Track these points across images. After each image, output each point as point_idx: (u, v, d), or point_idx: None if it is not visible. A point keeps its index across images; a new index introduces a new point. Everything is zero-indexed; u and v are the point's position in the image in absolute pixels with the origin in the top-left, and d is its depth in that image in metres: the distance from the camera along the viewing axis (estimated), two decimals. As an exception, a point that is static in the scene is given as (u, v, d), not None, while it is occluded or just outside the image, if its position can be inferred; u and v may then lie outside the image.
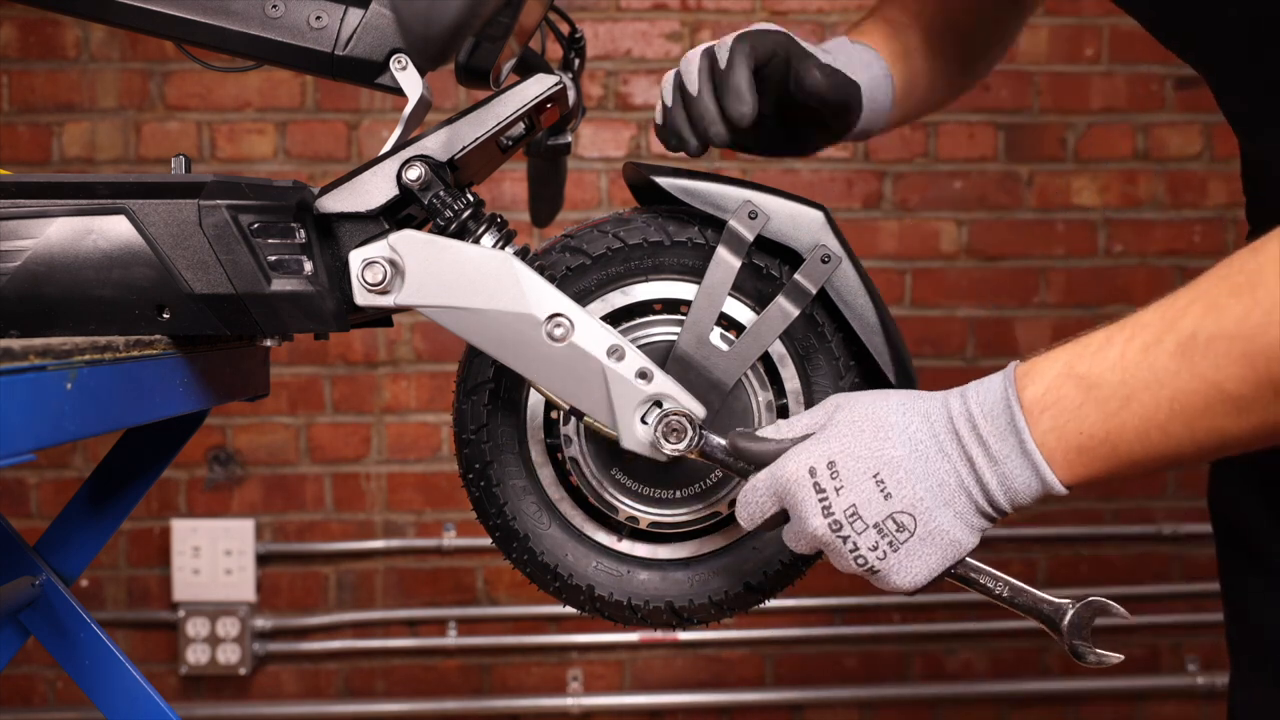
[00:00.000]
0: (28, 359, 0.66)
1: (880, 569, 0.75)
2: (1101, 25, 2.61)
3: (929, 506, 0.74)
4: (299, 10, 0.90)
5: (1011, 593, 0.79)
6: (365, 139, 2.55)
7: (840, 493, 0.74)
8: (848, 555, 0.75)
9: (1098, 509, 2.63)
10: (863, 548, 0.74)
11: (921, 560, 0.75)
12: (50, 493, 2.51)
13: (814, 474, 0.75)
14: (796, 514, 0.76)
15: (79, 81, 2.51)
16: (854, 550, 0.74)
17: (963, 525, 0.75)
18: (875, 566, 0.75)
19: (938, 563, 0.75)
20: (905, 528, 0.74)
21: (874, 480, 0.74)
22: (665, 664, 2.60)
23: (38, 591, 1.06)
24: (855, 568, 0.75)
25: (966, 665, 2.63)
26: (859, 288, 0.86)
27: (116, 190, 0.79)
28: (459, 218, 0.83)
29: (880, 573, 0.75)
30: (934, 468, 0.74)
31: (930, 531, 0.74)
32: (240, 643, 2.47)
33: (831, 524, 0.74)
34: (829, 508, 0.74)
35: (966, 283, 2.61)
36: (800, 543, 0.77)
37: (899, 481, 0.74)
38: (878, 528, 0.74)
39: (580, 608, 0.91)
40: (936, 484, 0.74)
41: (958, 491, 0.74)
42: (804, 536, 0.76)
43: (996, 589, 0.79)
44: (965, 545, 0.76)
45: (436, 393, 2.54)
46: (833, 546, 0.75)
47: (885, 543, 0.74)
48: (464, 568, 2.56)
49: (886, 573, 0.75)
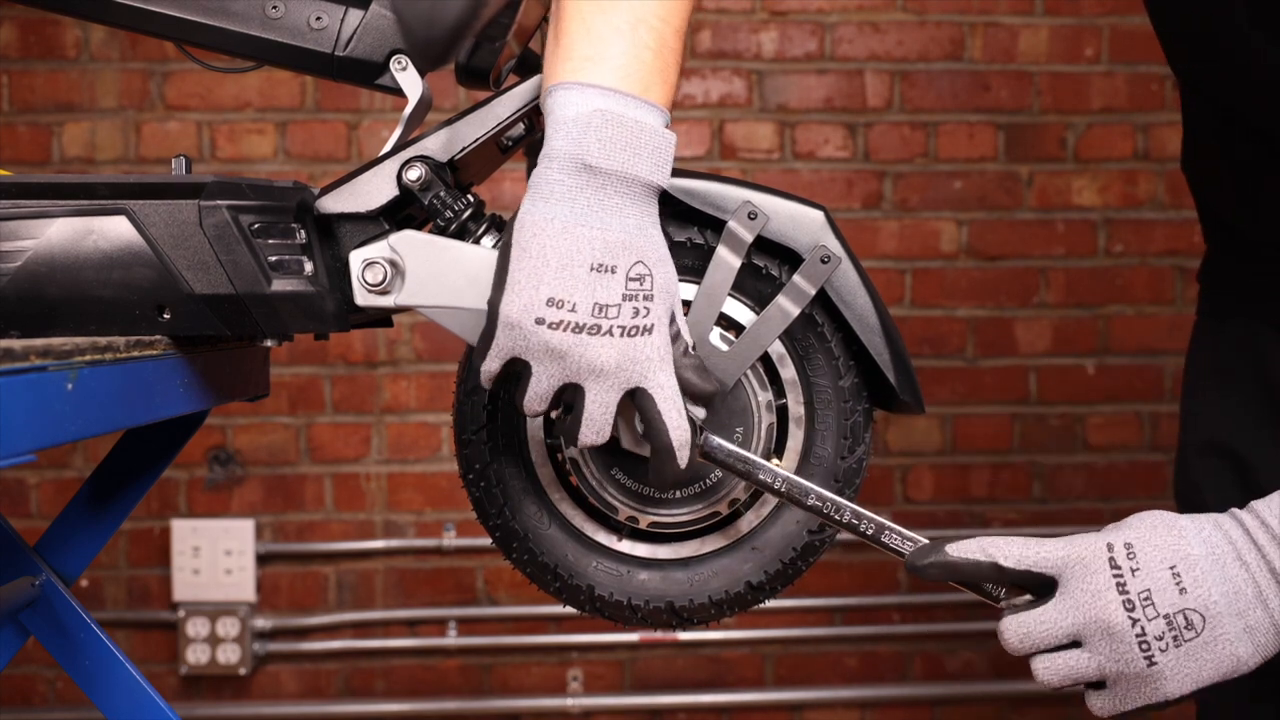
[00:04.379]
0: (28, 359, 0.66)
1: (1159, 663, 0.71)
2: (1101, 25, 2.62)
3: (1220, 611, 0.71)
4: (299, 11, 0.90)
5: None
6: (365, 139, 2.55)
7: (1136, 574, 0.72)
8: (1133, 642, 0.71)
9: (1098, 509, 2.63)
10: (1149, 635, 0.71)
11: (1197, 665, 0.72)
12: (50, 493, 2.51)
13: (1111, 549, 0.73)
14: (1085, 588, 0.73)
15: (79, 81, 2.51)
16: (1140, 635, 0.71)
17: (1249, 642, 0.72)
18: (1156, 659, 0.71)
19: (1211, 673, 0.72)
20: (1194, 626, 0.71)
21: (1170, 571, 0.72)
22: (665, 664, 2.60)
23: (38, 591, 1.06)
24: (1138, 654, 0.71)
25: (966, 665, 2.63)
26: (859, 288, 0.86)
27: (117, 191, 0.79)
28: (459, 218, 0.83)
29: (1157, 667, 0.72)
30: (1231, 574, 0.72)
31: (1216, 637, 0.71)
32: (240, 643, 2.47)
33: (1125, 602, 0.71)
34: (1124, 585, 0.72)
35: (966, 283, 2.61)
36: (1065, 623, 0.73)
37: (1195, 580, 0.71)
38: (1168, 620, 0.71)
39: (580, 608, 0.91)
40: (1233, 591, 0.72)
41: (1254, 603, 0.72)
42: (1084, 614, 0.72)
43: None
44: (1245, 664, 0.72)
45: (436, 393, 2.54)
46: (1119, 630, 0.72)
47: (1171, 636, 0.71)
48: (464, 568, 2.56)
49: (1162, 669, 0.72)
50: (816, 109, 2.60)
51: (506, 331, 0.74)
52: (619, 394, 0.75)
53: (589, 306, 0.73)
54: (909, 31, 2.60)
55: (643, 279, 0.74)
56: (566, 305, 0.73)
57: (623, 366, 0.74)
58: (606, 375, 0.74)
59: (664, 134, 0.77)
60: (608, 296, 0.73)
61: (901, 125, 2.61)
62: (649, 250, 0.76)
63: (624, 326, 0.74)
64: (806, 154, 2.59)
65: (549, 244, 0.73)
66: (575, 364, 0.74)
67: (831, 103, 2.60)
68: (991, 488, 2.62)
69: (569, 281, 0.73)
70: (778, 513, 0.90)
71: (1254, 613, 0.72)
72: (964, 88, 2.61)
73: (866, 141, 2.60)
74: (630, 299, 0.74)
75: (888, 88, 2.61)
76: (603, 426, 0.76)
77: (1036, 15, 2.61)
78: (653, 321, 0.75)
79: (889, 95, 2.61)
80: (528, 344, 0.74)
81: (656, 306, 0.75)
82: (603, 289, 0.73)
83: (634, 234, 0.75)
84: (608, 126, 0.74)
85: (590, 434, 0.76)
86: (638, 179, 0.75)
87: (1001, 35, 2.61)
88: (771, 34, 2.58)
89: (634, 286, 0.74)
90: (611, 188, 0.75)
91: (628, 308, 0.74)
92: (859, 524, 0.81)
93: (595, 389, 0.75)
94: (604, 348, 0.74)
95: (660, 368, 0.75)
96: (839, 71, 2.60)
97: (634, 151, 0.75)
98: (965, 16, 2.60)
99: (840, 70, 2.60)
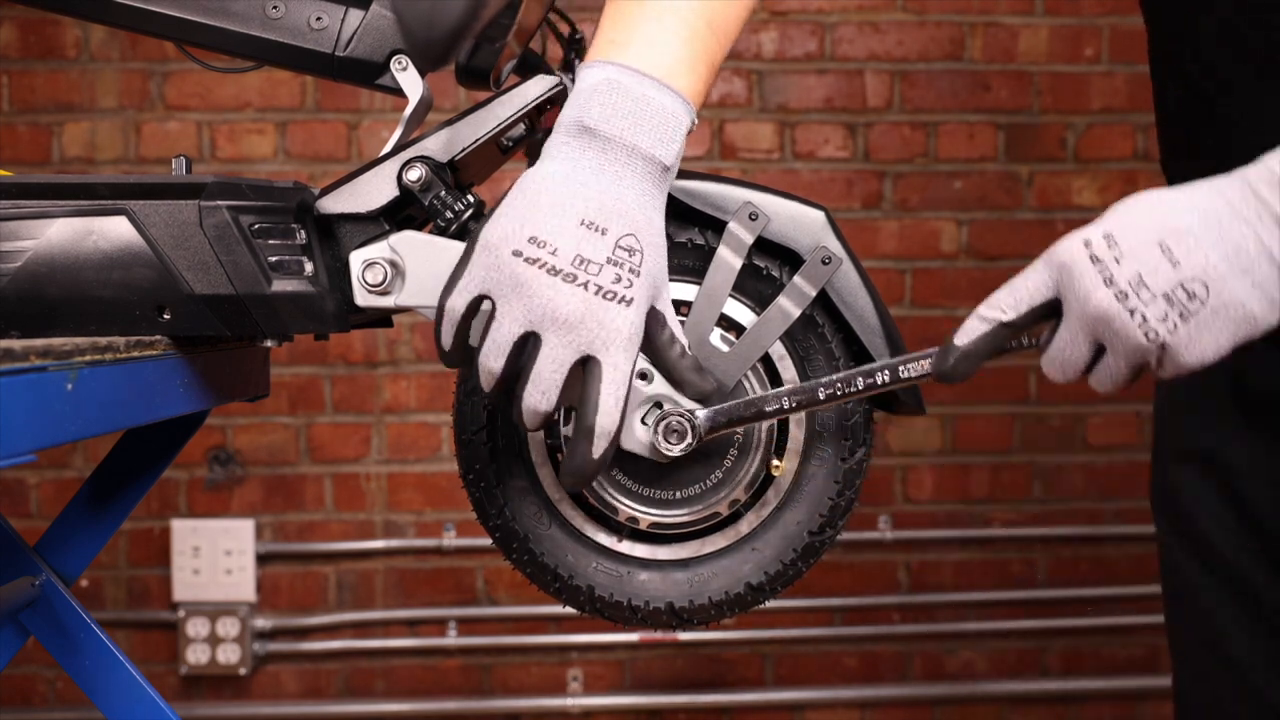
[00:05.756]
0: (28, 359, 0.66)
1: (1170, 342, 0.69)
2: (1101, 25, 2.62)
3: (1223, 274, 0.68)
4: (300, 11, 0.90)
5: None
6: (365, 139, 2.55)
7: (1121, 262, 0.69)
8: (1134, 329, 0.69)
9: (1098, 509, 2.63)
10: (1151, 319, 0.69)
11: (1213, 335, 0.69)
12: (50, 493, 2.51)
13: (1089, 245, 0.70)
14: (1076, 295, 0.70)
15: (79, 81, 2.51)
16: (1142, 323, 0.69)
17: (1262, 297, 0.68)
18: (1165, 339, 0.69)
19: (1229, 339, 0.69)
20: (1196, 296, 0.68)
21: (1159, 248, 0.69)
22: (665, 664, 2.60)
23: (38, 591, 1.06)
24: (1143, 342, 0.69)
25: (966, 665, 2.63)
26: (859, 289, 0.86)
27: (117, 191, 0.79)
28: (459, 218, 0.83)
29: (1170, 347, 0.69)
30: (1230, 233, 0.68)
31: (1223, 303, 0.68)
32: (240, 643, 2.47)
33: (1116, 294, 0.69)
34: (1110, 277, 0.69)
35: (966, 283, 2.61)
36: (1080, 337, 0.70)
37: (1188, 249, 0.68)
38: (1167, 298, 0.68)
39: (580, 608, 0.91)
40: (1233, 250, 0.68)
41: (1259, 258, 0.68)
42: (1085, 321, 0.70)
43: None
44: (1261, 322, 0.69)
45: (436, 393, 2.54)
46: (1117, 322, 0.69)
47: (1176, 314, 0.68)
48: (464, 568, 2.56)
49: (1176, 347, 0.69)
50: (816, 109, 2.60)
51: (481, 255, 0.72)
52: (574, 355, 0.72)
53: (570, 255, 0.71)
54: (909, 31, 2.60)
55: (633, 252, 0.72)
56: (547, 247, 0.71)
57: (586, 325, 0.71)
58: (568, 329, 0.71)
59: (672, 112, 0.75)
60: (592, 253, 0.71)
61: (901, 125, 2.61)
62: (645, 228, 0.73)
63: (600, 286, 0.71)
64: (806, 154, 2.59)
65: (544, 189, 0.72)
66: (540, 308, 0.71)
67: (831, 103, 2.60)
68: (991, 488, 2.62)
69: (555, 226, 0.71)
70: (778, 513, 0.90)
71: (1260, 268, 0.68)
72: (964, 88, 2.61)
73: (866, 141, 2.60)
74: (615, 264, 0.71)
75: (888, 88, 2.61)
76: (549, 389, 0.72)
77: (1036, 15, 2.61)
78: (633, 296, 0.72)
79: (889, 95, 2.61)
80: (499, 275, 0.71)
81: (640, 286, 0.72)
82: (588, 244, 0.71)
83: (632, 206, 0.73)
84: (612, 94, 0.74)
85: (535, 394, 0.72)
86: (639, 149, 0.74)
87: (1001, 35, 2.61)
88: (771, 34, 2.58)
89: (621, 254, 0.72)
90: (613, 154, 0.74)
91: (610, 271, 0.71)
92: (875, 379, 0.79)
93: (551, 342, 0.71)
94: (573, 298, 0.71)
95: (622, 347, 0.72)
96: (839, 71, 2.60)
97: (635, 121, 0.74)
98: (965, 16, 2.60)
99: (840, 70, 2.60)
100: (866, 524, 2.58)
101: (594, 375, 0.72)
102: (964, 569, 2.61)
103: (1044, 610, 2.62)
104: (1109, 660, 2.63)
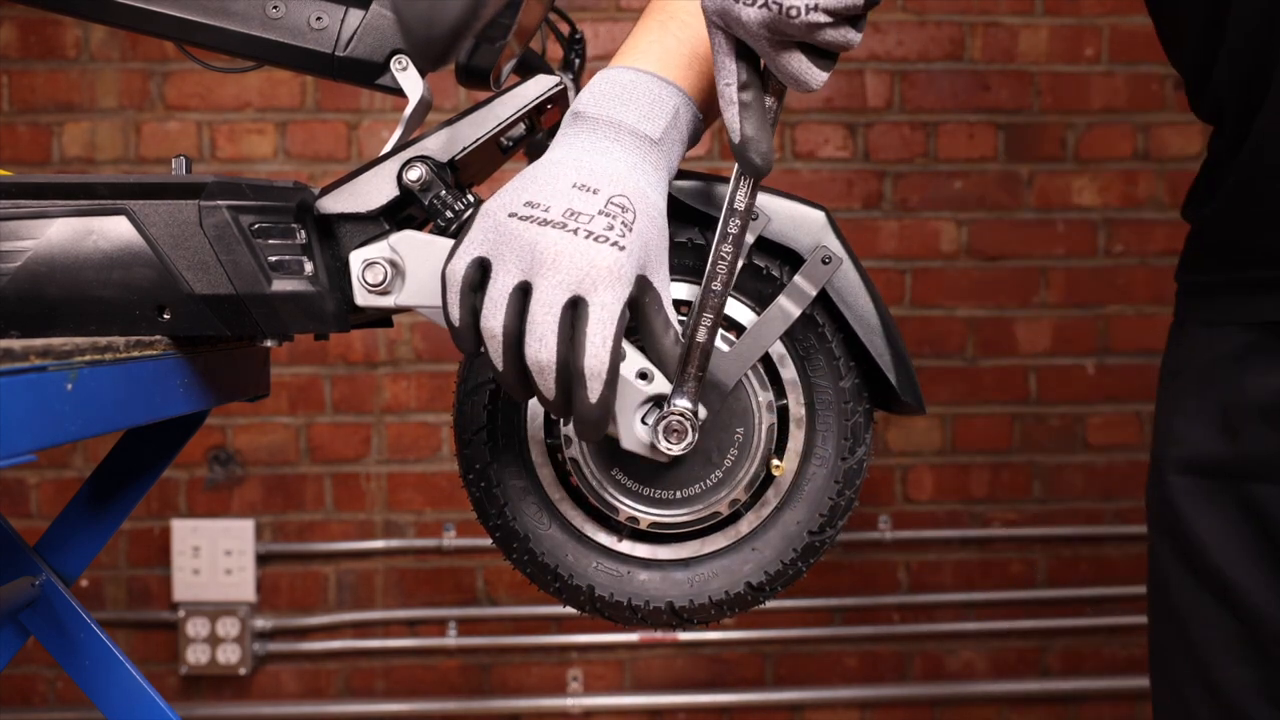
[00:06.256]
0: (28, 359, 0.66)
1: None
2: (1101, 25, 2.62)
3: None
4: (300, 11, 0.90)
5: None
6: (365, 139, 2.55)
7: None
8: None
9: (1098, 509, 2.63)
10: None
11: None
12: (50, 493, 2.51)
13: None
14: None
15: (79, 81, 2.51)
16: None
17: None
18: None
19: None
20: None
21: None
22: (665, 664, 2.60)
23: (38, 591, 1.06)
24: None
25: (966, 665, 2.63)
26: (860, 288, 0.86)
27: (117, 191, 0.79)
28: (459, 218, 0.83)
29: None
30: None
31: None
32: (240, 643, 2.47)
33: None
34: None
35: (966, 283, 2.61)
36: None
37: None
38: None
39: (580, 608, 0.91)
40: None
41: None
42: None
43: None
44: None
45: (436, 393, 2.54)
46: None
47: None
48: (464, 568, 2.56)
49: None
50: (816, 109, 2.60)
51: (480, 221, 0.76)
52: (564, 295, 0.72)
53: (562, 209, 0.74)
54: (909, 31, 2.60)
55: (625, 209, 0.75)
56: (541, 206, 0.75)
57: (575, 263, 0.72)
58: (556, 268, 0.72)
59: (656, 94, 0.80)
60: (584, 206, 0.74)
61: (901, 125, 2.61)
62: (636, 194, 0.76)
63: (591, 231, 0.73)
64: (806, 154, 2.59)
65: (540, 167, 0.78)
66: (530, 253, 0.73)
67: (831, 103, 2.60)
68: (991, 488, 2.62)
69: (549, 190, 0.75)
70: (778, 513, 0.90)
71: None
72: (964, 88, 2.61)
73: (866, 141, 2.60)
74: (607, 215, 0.74)
75: (888, 88, 2.61)
76: (545, 333, 0.72)
77: (1036, 15, 2.61)
78: (625, 245, 0.74)
79: (889, 95, 2.61)
80: (496, 235, 0.74)
81: (633, 239, 0.74)
82: (580, 200, 0.75)
83: (623, 173, 0.77)
84: (602, 84, 0.81)
85: (534, 344, 0.72)
86: (624, 124, 0.79)
87: (1001, 35, 2.61)
88: (771, 34, 2.58)
89: (613, 209, 0.75)
90: (601, 130, 0.79)
91: (602, 220, 0.74)
92: None
93: (541, 285, 0.72)
94: (561, 240, 0.73)
95: (610, 285, 0.73)
96: (839, 71, 2.60)
97: (621, 102, 0.79)
98: (965, 16, 2.60)
99: (840, 70, 2.60)
100: (866, 524, 2.58)
101: (581, 317, 0.73)
102: (964, 569, 2.61)
103: (1044, 610, 2.62)
104: (1109, 660, 2.63)
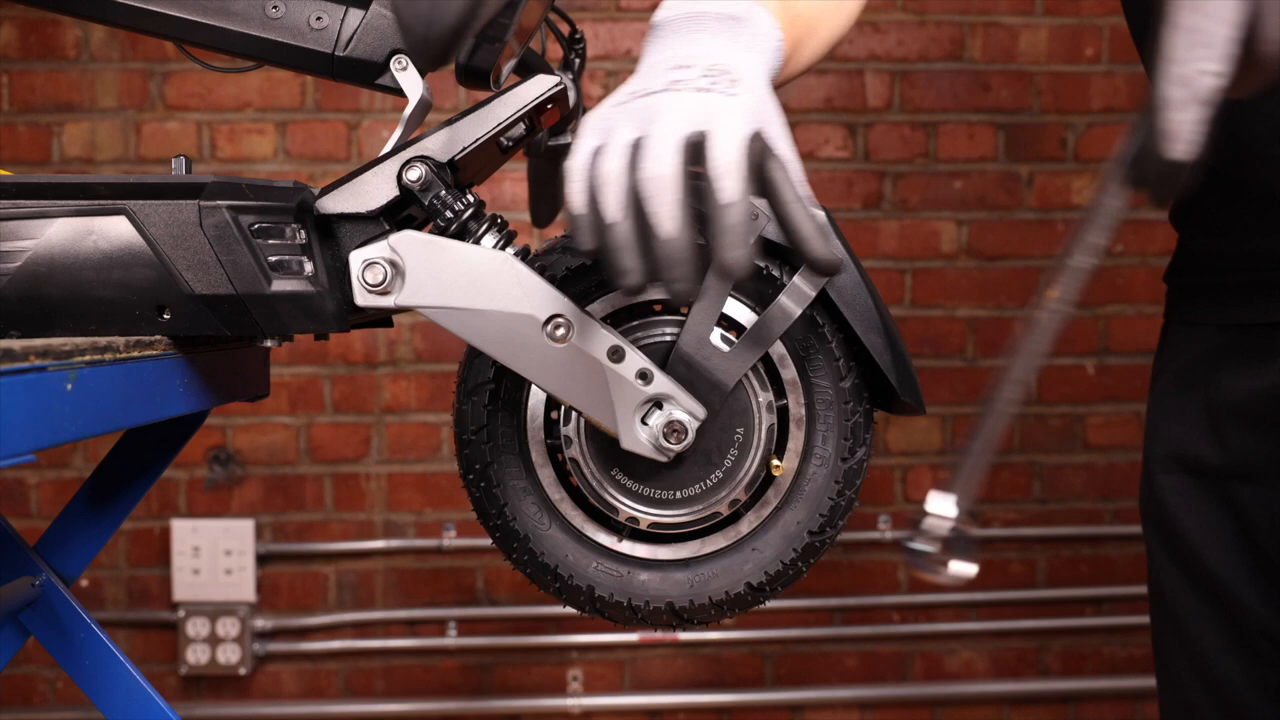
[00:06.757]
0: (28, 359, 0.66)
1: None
2: (1101, 25, 2.62)
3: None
4: (299, 11, 0.90)
5: None
6: (365, 139, 2.55)
7: None
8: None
9: (1098, 509, 2.63)
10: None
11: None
12: (50, 493, 2.51)
13: None
14: None
15: (79, 81, 2.51)
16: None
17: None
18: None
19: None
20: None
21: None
22: (665, 664, 2.60)
23: (38, 591, 1.06)
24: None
25: (966, 665, 2.63)
26: (860, 289, 0.86)
27: (117, 191, 0.79)
28: (459, 218, 0.83)
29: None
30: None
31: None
32: (240, 643, 2.47)
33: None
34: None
35: (966, 283, 2.61)
36: None
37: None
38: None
39: (580, 608, 0.91)
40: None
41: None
42: None
43: None
44: None
45: (436, 393, 2.54)
46: None
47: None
48: (464, 568, 2.56)
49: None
50: (816, 109, 2.60)
51: (591, 119, 0.74)
52: (685, 128, 0.70)
53: (664, 81, 0.74)
54: (909, 31, 2.60)
55: (725, 73, 0.74)
56: (642, 89, 0.74)
57: (688, 107, 0.71)
58: (672, 112, 0.71)
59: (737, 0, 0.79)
60: (684, 76, 0.74)
61: (901, 125, 2.61)
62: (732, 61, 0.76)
63: (699, 87, 0.73)
64: (806, 154, 2.59)
65: (636, 74, 0.77)
66: (645, 111, 0.72)
67: (831, 103, 2.60)
68: (991, 488, 2.62)
69: (647, 79, 0.75)
70: (778, 513, 0.90)
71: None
72: (964, 88, 2.61)
73: (866, 141, 2.60)
74: (709, 77, 0.74)
75: (888, 88, 2.61)
76: (661, 154, 0.69)
77: (1036, 15, 2.61)
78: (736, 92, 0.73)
79: (889, 95, 2.61)
80: (608, 122, 0.73)
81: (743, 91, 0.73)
82: (681, 73, 0.75)
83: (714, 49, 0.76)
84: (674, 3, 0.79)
85: (649, 160, 0.69)
86: (705, 13, 0.78)
87: (1001, 35, 2.61)
88: (772, 34, 2.58)
89: (714, 72, 0.75)
90: (683, 27, 0.78)
91: (705, 80, 0.74)
92: None
93: (658, 126, 0.71)
94: (671, 98, 0.72)
95: (731, 114, 0.71)
96: (839, 71, 2.60)
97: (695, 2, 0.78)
98: (965, 16, 2.60)
99: (840, 70, 2.60)
100: (866, 524, 2.58)
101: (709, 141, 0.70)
102: (964, 569, 2.61)
103: (1044, 610, 2.62)
104: (1109, 660, 2.63)
